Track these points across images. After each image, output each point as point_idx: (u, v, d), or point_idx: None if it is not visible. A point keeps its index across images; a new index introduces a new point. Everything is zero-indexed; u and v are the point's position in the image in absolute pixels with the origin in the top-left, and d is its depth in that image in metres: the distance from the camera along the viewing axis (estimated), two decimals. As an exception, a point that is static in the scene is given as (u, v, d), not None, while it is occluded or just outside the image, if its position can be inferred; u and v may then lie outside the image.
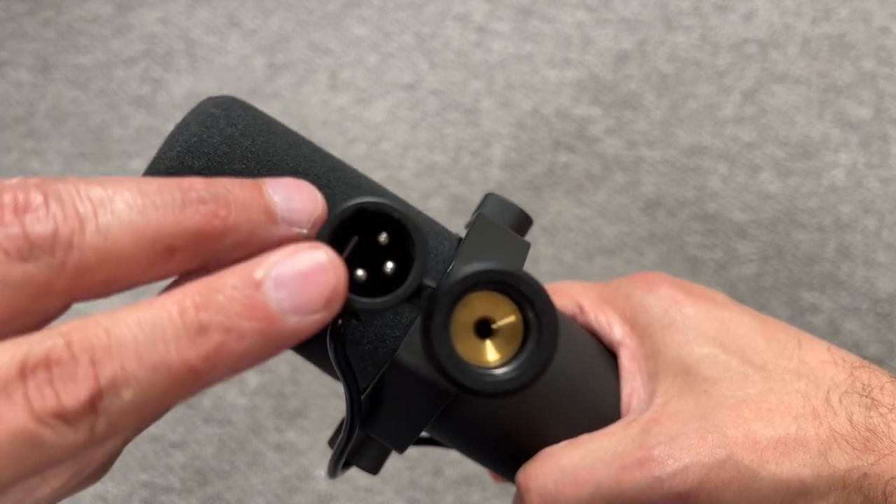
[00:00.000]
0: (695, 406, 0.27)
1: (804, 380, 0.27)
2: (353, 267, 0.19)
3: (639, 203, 0.68)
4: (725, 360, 0.28)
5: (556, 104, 0.71)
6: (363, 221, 0.19)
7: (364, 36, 0.74)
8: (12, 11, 0.76)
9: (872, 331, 0.65)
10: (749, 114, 0.70)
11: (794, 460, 0.25)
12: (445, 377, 0.19)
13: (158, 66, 0.74)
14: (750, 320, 0.29)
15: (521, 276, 0.19)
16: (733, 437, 0.25)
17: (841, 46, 0.71)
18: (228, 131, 0.24)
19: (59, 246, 0.16)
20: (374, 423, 0.25)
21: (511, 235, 0.27)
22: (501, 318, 0.20)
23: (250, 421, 0.64)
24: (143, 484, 0.63)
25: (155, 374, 0.15)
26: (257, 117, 0.25)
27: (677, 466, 0.25)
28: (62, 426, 0.15)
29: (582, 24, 0.73)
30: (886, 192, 0.68)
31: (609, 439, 0.27)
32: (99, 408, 0.15)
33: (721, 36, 0.72)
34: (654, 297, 0.30)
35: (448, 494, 0.63)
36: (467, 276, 0.19)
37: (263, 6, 0.75)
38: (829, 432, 0.25)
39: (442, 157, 0.70)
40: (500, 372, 0.19)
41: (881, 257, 0.66)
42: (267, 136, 0.25)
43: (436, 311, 0.19)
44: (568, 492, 0.27)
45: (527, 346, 0.19)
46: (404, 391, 0.25)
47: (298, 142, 0.26)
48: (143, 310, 0.16)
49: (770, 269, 0.66)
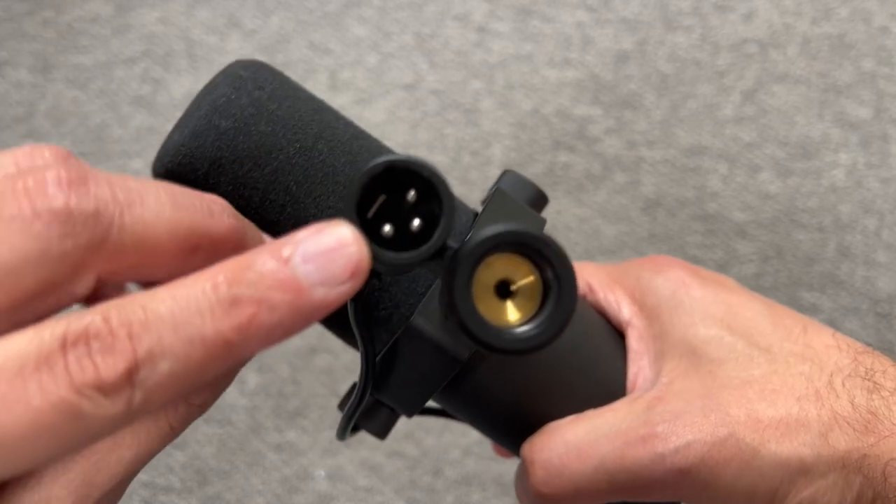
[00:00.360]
0: (699, 385, 0.27)
1: (808, 363, 0.27)
2: (381, 223, 0.19)
3: (639, 203, 0.68)
4: (731, 342, 0.28)
5: (556, 104, 0.71)
6: (392, 179, 0.19)
7: (364, 36, 0.74)
8: (12, 11, 0.76)
9: (872, 331, 0.65)
10: (749, 114, 0.70)
11: (795, 440, 0.25)
12: (467, 334, 0.19)
13: (158, 66, 0.74)
14: (757, 305, 0.29)
15: (542, 238, 0.19)
16: (736, 416, 0.26)
17: (841, 46, 0.71)
18: (256, 94, 0.24)
19: (100, 224, 0.17)
20: (384, 388, 0.26)
21: (527, 210, 0.27)
22: (521, 279, 0.20)
23: (250, 421, 0.64)
24: (143, 484, 0.63)
25: (191, 347, 0.16)
26: (284, 82, 0.26)
27: (680, 443, 0.26)
28: (100, 398, 0.15)
29: (582, 24, 0.73)
30: (886, 192, 0.68)
31: (614, 415, 0.28)
32: (136, 380, 0.16)
33: (721, 36, 0.72)
34: (662, 278, 0.30)
35: (448, 494, 0.63)
36: (490, 237, 0.19)
37: (263, 6, 0.75)
38: (830, 414, 0.26)
39: (442, 157, 0.70)
40: (519, 330, 0.20)
41: (881, 257, 0.66)
42: (293, 101, 0.25)
43: (458, 270, 0.19)
44: (572, 465, 0.27)
45: (546, 306, 0.20)
46: (416, 356, 0.25)
47: (323, 108, 0.26)
48: (177, 287, 0.16)
49: (770, 269, 0.66)
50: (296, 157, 0.25)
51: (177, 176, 0.24)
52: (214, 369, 0.16)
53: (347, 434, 0.28)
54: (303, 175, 0.25)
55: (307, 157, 0.25)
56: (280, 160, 0.25)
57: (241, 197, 0.24)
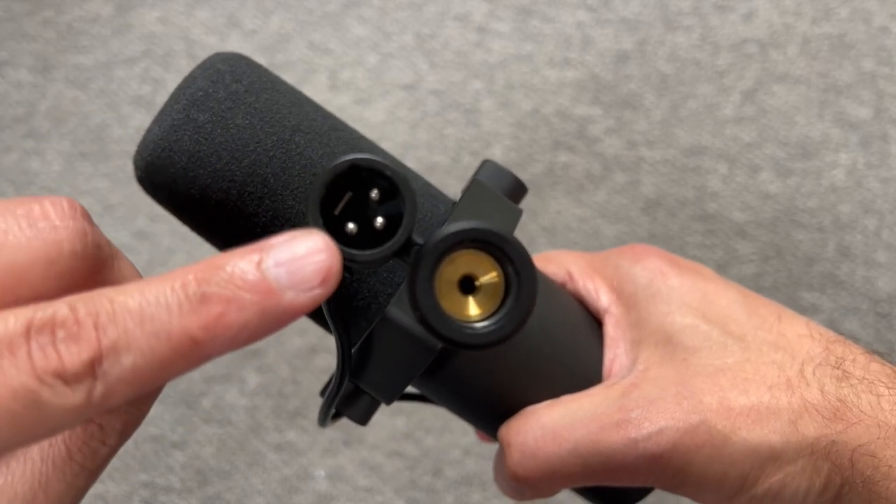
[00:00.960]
0: (674, 373, 0.28)
1: (781, 352, 0.28)
2: (346, 221, 0.20)
3: (639, 203, 0.68)
4: (706, 331, 0.28)
5: (556, 104, 0.71)
6: (357, 177, 0.20)
7: (364, 36, 0.74)
8: (12, 11, 0.76)
9: (872, 331, 0.65)
10: (749, 114, 0.70)
11: (765, 427, 0.26)
12: (428, 328, 0.20)
13: (158, 66, 0.74)
14: (733, 293, 0.30)
15: (504, 236, 0.20)
16: (708, 404, 0.26)
17: (841, 46, 0.71)
18: (234, 87, 0.25)
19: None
20: (363, 375, 0.26)
21: (504, 201, 0.28)
22: (484, 275, 0.21)
23: (250, 421, 0.64)
24: (143, 484, 0.63)
25: (156, 341, 0.16)
26: (262, 75, 0.26)
27: (652, 429, 0.26)
28: (61, 386, 0.15)
29: (582, 24, 0.73)
30: (886, 192, 0.68)
31: (590, 400, 0.28)
32: (98, 371, 0.15)
33: (721, 36, 0.72)
34: (640, 267, 0.31)
35: (448, 494, 0.63)
36: (452, 233, 0.20)
37: (263, 6, 0.75)
38: (800, 402, 0.26)
39: (442, 157, 0.70)
40: (479, 325, 0.20)
41: (881, 257, 0.66)
42: (271, 94, 0.26)
43: (421, 266, 0.20)
44: (547, 448, 0.27)
45: (506, 302, 0.20)
46: (393, 345, 0.26)
47: (301, 100, 0.26)
48: (147, 283, 0.16)
49: (770, 269, 0.66)
50: (273, 149, 0.25)
51: (157, 169, 0.25)
52: (179, 367, 0.16)
53: (328, 420, 0.29)
54: (280, 167, 0.25)
55: (284, 150, 0.25)
56: (258, 153, 0.25)
57: (219, 189, 0.25)
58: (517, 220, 0.28)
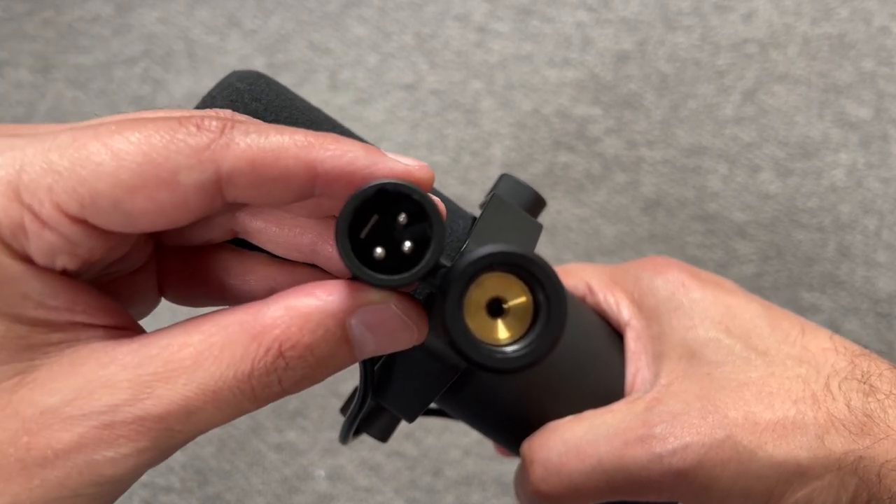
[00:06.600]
0: (698, 387, 0.27)
1: (805, 365, 0.27)
2: (373, 244, 0.19)
3: (639, 203, 0.68)
4: (729, 345, 0.28)
5: (556, 104, 0.71)
6: (384, 201, 0.19)
7: (364, 36, 0.74)
8: (12, 11, 0.76)
9: (872, 331, 0.65)
10: (749, 114, 0.70)
11: (792, 442, 0.26)
12: (458, 353, 0.20)
13: (158, 66, 0.74)
14: (755, 307, 0.30)
15: (534, 259, 0.19)
16: (733, 419, 0.26)
17: (841, 46, 0.71)
18: (253, 106, 0.25)
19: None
20: (385, 394, 0.26)
21: (524, 216, 0.28)
22: (513, 298, 0.20)
23: (250, 421, 0.64)
24: (143, 484, 0.63)
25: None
26: (281, 93, 0.26)
27: (678, 444, 0.26)
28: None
29: (582, 24, 0.73)
30: (886, 192, 0.68)
31: (613, 416, 0.28)
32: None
33: (721, 36, 0.72)
34: (662, 280, 0.31)
35: (448, 494, 0.63)
36: (481, 257, 0.19)
37: (263, 6, 0.75)
38: (826, 416, 0.26)
39: (442, 157, 0.70)
40: (510, 349, 0.20)
41: (881, 257, 0.66)
42: (290, 112, 0.26)
43: (450, 290, 0.19)
44: (571, 464, 0.27)
45: (536, 325, 0.20)
46: (416, 364, 0.26)
47: (320, 119, 0.27)
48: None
49: (770, 269, 0.66)
50: None
51: None
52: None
53: (350, 438, 0.28)
54: None
55: None
56: None
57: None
58: (538, 235, 0.28)
